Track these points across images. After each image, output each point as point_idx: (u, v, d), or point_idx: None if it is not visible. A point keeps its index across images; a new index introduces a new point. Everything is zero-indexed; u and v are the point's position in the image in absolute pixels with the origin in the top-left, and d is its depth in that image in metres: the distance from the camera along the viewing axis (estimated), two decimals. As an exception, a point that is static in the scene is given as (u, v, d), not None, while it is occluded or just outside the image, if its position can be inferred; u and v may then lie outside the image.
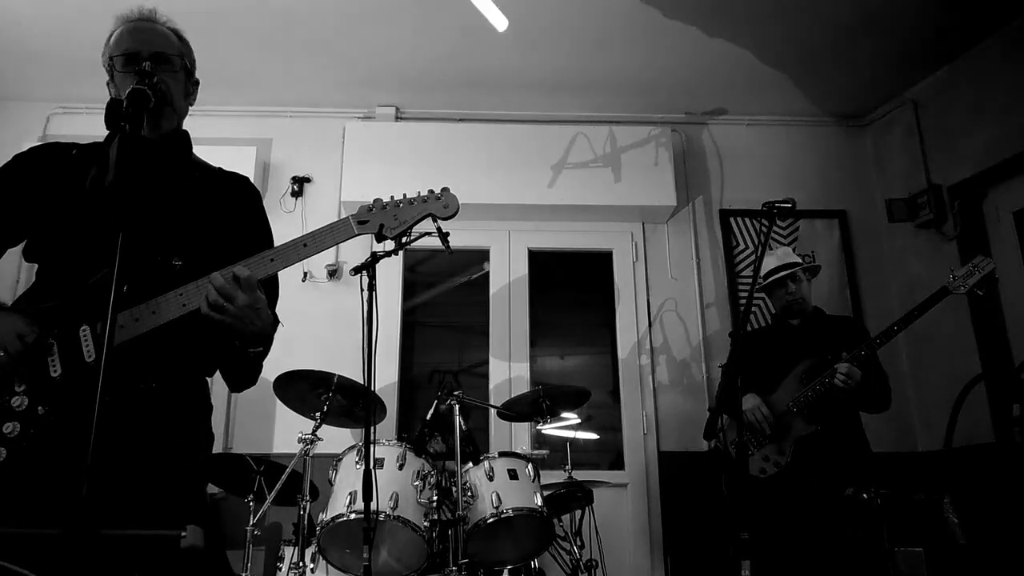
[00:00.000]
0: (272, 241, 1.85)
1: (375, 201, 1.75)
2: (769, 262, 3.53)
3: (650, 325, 4.57)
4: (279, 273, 1.78)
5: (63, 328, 1.53)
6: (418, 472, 2.92)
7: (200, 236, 1.71)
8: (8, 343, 1.47)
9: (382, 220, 1.73)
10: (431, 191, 1.80)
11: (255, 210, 1.89)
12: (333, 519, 2.75)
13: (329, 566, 2.85)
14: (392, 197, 1.77)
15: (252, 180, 2.35)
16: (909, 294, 4.50)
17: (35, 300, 1.62)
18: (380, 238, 1.75)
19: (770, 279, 3.47)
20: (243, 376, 1.78)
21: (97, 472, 1.11)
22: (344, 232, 1.70)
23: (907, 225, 4.52)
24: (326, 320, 4.28)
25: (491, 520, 2.85)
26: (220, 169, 1.89)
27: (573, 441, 3.54)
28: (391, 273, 4.49)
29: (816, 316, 3.49)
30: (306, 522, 2.90)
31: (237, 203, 1.85)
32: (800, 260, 3.52)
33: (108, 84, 1.77)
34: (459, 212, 1.81)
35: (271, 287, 1.76)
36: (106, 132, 1.61)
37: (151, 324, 1.54)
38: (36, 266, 1.71)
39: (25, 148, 1.79)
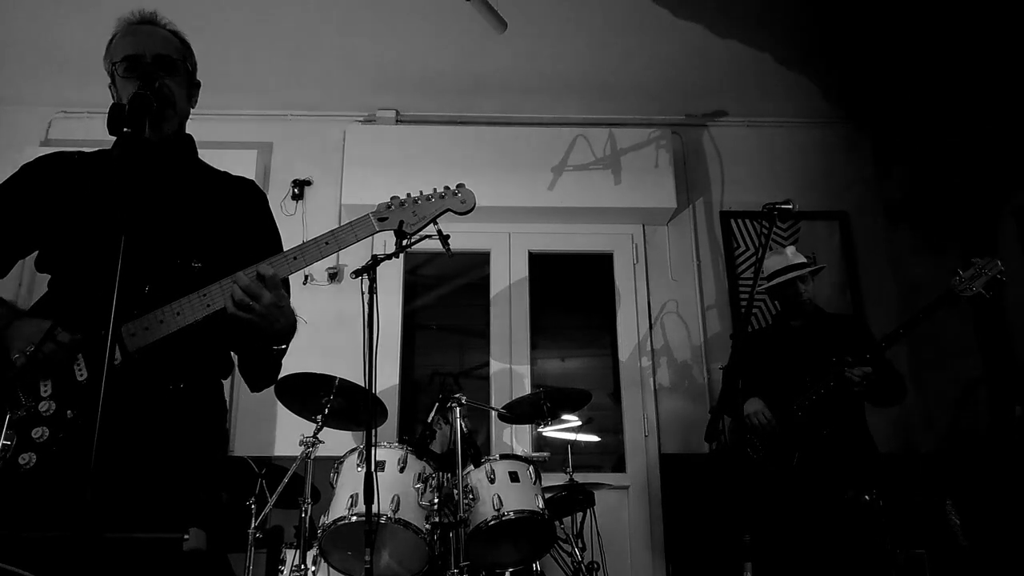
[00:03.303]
0: (280, 241, 1.86)
1: (393, 198, 1.76)
2: (778, 261, 3.52)
3: (651, 327, 4.56)
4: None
5: (87, 332, 1.53)
6: (419, 474, 2.92)
7: (216, 238, 1.72)
8: (42, 343, 1.47)
9: (402, 216, 1.75)
10: (447, 187, 1.80)
11: (263, 212, 1.90)
12: (334, 522, 2.74)
13: (330, 569, 2.85)
14: (409, 194, 1.78)
15: (253, 183, 2.30)
16: (910, 296, 4.50)
17: (48, 309, 1.61)
18: (400, 235, 1.76)
19: (779, 279, 3.45)
20: (264, 375, 1.80)
21: (122, 475, 1.12)
22: (365, 229, 1.71)
23: (908, 226, 4.52)
24: (327, 323, 4.28)
25: (492, 523, 2.85)
26: (226, 173, 1.90)
27: (574, 443, 3.54)
28: (392, 276, 4.49)
29: (817, 315, 3.49)
30: (307, 525, 2.89)
31: (245, 206, 1.86)
32: (806, 260, 3.53)
33: (110, 87, 1.76)
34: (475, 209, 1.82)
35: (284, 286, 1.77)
36: (107, 136, 1.61)
37: (175, 326, 1.55)
38: (43, 274, 1.72)
39: (27, 153, 1.80)
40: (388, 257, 2.40)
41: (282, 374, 3.06)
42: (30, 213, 1.68)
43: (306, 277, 4.42)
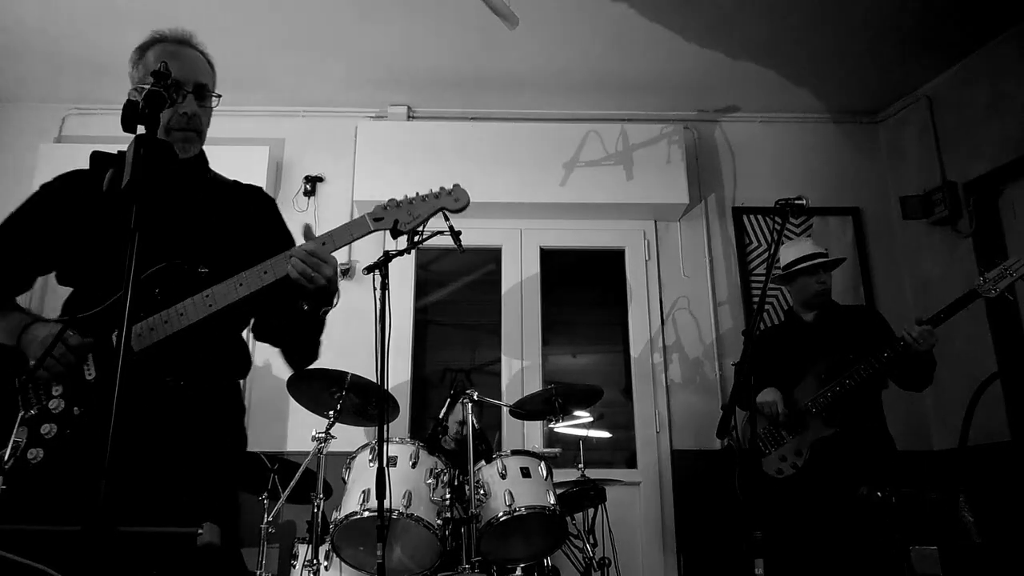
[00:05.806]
0: (292, 242, 1.89)
1: (389, 200, 1.82)
2: (800, 249, 3.47)
3: (663, 323, 4.56)
4: None
5: (96, 334, 1.59)
6: (431, 470, 2.92)
7: (223, 245, 1.76)
8: (52, 346, 1.52)
9: (396, 216, 1.81)
10: (442, 187, 1.87)
11: (273, 217, 1.94)
12: (347, 517, 2.76)
13: (343, 564, 2.87)
14: (405, 195, 1.84)
15: (265, 180, 2.32)
16: (923, 292, 4.47)
17: (66, 316, 1.68)
18: (395, 234, 1.82)
19: (801, 265, 3.40)
20: (309, 346, 1.86)
21: (122, 470, 1.14)
22: (360, 228, 1.77)
23: (921, 222, 4.49)
24: (339, 319, 4.22)
25: (504, 518, 2.85)
26: (236, 182, 1.94)
27: (586, 439, 3.54)
28: (404, 272, 4.50)
29: (831, 309, 3.45)
30: (320, 520, 2.91)
31: (255, 212, 1.90)
32: (825, 251, 3.50)
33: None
34: (469, 207, 1.90)
35: None
36: (120, 132, 1.63)
37: (178, 325, 1.61)
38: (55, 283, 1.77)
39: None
40: (400, 253, 2.41)
41: (295, 370, 3.12)
42: (48, 234, 1.73)
43: (318, 273, 4.43)
